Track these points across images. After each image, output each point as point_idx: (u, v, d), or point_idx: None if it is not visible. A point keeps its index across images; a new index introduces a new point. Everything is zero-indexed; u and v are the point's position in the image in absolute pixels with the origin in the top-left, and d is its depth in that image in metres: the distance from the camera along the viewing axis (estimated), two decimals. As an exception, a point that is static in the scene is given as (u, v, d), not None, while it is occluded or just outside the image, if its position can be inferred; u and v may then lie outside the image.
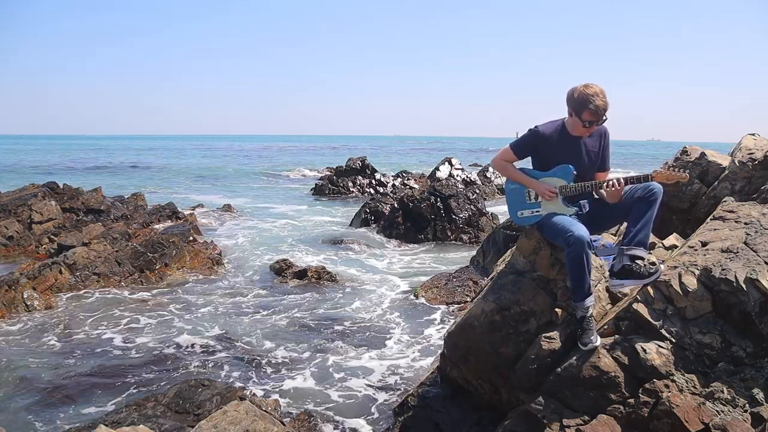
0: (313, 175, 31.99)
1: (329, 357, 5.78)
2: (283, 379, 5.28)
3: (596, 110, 3.11)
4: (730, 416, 2.56)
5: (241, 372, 5.44)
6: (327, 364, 5.62)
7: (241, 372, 5.44)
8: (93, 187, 14.94)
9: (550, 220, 3.23)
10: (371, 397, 4.88)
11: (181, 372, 5.43)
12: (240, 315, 7.22)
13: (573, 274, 3.07)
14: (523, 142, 3.37)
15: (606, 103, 3.12)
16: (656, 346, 2.81)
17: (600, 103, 3.09)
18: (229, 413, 3.42)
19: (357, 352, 5.93)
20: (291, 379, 5.26)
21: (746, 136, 5.69)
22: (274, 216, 16.41)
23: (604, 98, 3.12)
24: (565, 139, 3.29)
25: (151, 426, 3.79)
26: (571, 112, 3.22)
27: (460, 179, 20.24)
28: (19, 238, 11.10)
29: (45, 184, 14.20)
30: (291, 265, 9.23)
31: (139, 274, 8.71)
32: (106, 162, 44.87)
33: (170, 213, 13.49)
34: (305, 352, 5.92)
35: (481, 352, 3.39)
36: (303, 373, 5.39)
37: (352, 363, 5.63)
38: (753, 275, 2.74)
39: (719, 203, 3.72)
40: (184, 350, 5.99)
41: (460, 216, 12.15)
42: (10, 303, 7.05)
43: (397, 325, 6.77)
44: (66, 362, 5.66)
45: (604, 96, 3.12)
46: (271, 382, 5.22)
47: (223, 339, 6.33)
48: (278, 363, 5.64)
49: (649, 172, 3.09)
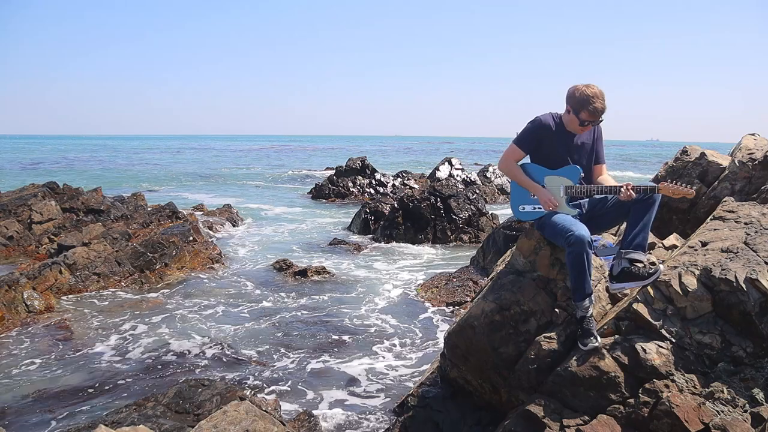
0: (313, 175, 32.00)
1: (329, 357, 5.79)
2: (283, 379, 5.28)
3: (594, 111, 3.19)
4: (730, 416, 2.56)
5: (241, 372, 5.44)
6: (327, 363, 5.62)
7: (241, 372, 5.44)
8: (93, 187, 14.94)
9: (551, 219, 3.24)
10: (371, 397, 4.88)
11: (181, 372, 5.43)
12: (240, 315, 7.22)
13: (573, 274, 3.07)
14: (527, 133, 3.40)
15: (604, 106, 3.20)
16: (656, 346, 2.81)
17: (599, 106, 3.17)
18: (229, 413, 3.42)
19: (357, 351, 5.93)
20: (291, 379, 5.26)
21: (746, 136, 5.69)
22: (274, 216, 16.42)
23: (603, 101, 3.19)
24: (562, 132, 3.36)
25: (151, 426, 3.78)
26: (569, 110, 3.27)
27: (460, 179, 20.25)
28: (19, 238, 11.11)
29: (45, 184, 14.20)
30: (291, 264, 9.23)
31: (139, 274, 8.71)
32: (106, 162, 44.87)
33: (170, 213, 13.49)
34: (305, 352, 5.92)
35: (481, 352, 3.39)
36: (303, 373, 5.39)
37: (352, 362, 5.63)
38: (753, 275, 2.74)
39: (719, 203, 3.72)
40: (184, 350, 5.99)
41: (460, 216, 12.15)
42: (10, 303, 7.05)
43: (397, 325, 6.77)
44: (66, 362, 5.65)
45: (603, 99, 3.19)
46: (271, 382, 5.22)
47: (224, 339, 6.32)
48: (278, 363, 5.63)
49: (656, 185, 3.07)
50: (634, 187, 3.12)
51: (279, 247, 11.81)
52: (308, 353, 5.89)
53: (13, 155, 54.37)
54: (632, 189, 3.11)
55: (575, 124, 3.28)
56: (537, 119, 3.37)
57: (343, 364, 5.59)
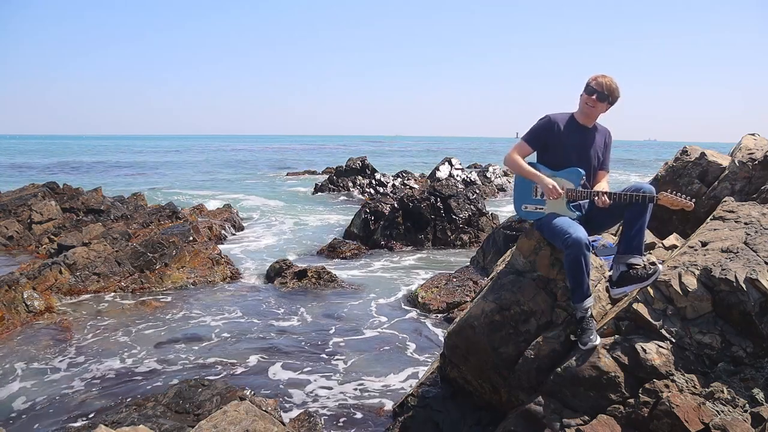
0: (314, 175, 32.00)
1: (329, 357, 5.78)
2: (283, 379, 5.28)
3: (597, 83, 3.30)
4: (730, 416, 2.56)
5: (241, 372, 5.44)
6: (327, 363, 5.62)
7: (241, 372, 5.44)
8: (93, 187, 14.94)
9: (551, 221, 3.25)
10: (371, 397, 4.88)
11: (181, 372, 5.43)
12: (240, 315, 7.22)
13: (571, 276, 3.08)
14: (537, 129, 3.44)
15: (610, 82, 3.29)
16: (656, 346, 2.81)
17: (602, 80, 3.29)
18: (229, 413, 3.42)
19: (356, 351, 5.93)
20: (291, 379, 5.26)
21: (746, 136, 5.69)
22: (274, 216, 16.42)
23: (611, 80, 3.30)
24: (574, 128, 3.40)
25: (151, 426, 3.78)
26: (582, 94, 3.37)
27: (460, 179, 20.25)
28: (19, 238, 11.11)
29: (45, 184, 14.21)
30: (291, 265, 9.22)
31: (139, 274, 8.70)
32: (106, 162, 44.86)
33: (170, 213, 13.49)
34: (305, 352, 5.92)
35: (481, 352, 3.39)
36: (303, 373, 5.39)
37: (352, 363, 5.63)
38: (753, 275, 2.74)
39: (719, 203, 3.72)
40: (184, 350, 5.99)
41: (460, 216, 12.15)
42: (10, 303, 7.05)
43: (396, 325, 6.77)
44: (65, 362, 5.65)
45: (611, 79, 3.31)
46: (270, 382, 5.22)
47: (223, 339, 6.32)
48: (278, 363, 5.63)
49: (656, 195, 3.06)
50: (633, 195, 3.09)
51: (279, 248, 11.81)
52: (308, 353, 5.89)
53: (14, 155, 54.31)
54: (632, 197, 3.09)
55: (583, 103, 3.35)
56: (547, 116, 3.43)
57: (343, 364, 5.59)
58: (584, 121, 3.40)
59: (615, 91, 3.31)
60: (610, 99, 3.32)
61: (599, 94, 3.29)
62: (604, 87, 3.28)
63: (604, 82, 3.28)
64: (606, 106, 3.36)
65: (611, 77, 3.31)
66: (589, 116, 3.38)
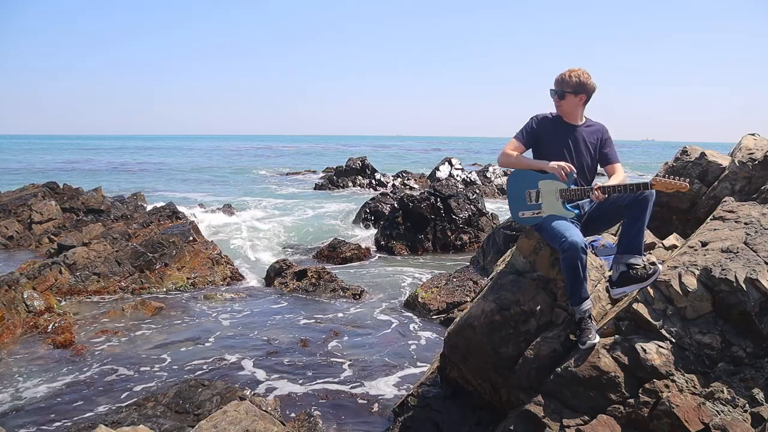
0: (313, 174, 32.00)
1: (329, 357, 5.78)
2: (283, 379, 5.27)
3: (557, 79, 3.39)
4: (730, 416, 2.57)
5: (241, 372, 5.44)
6: (327, 363, 5.62)
7: (241, 372, 5.44)
8: (93, 187, 14.94)
9: (549, 224, 3.24)
10: (371, 397, 4.88)
11: (181, 372, 5.43)
12: (239, 315, 7.22)
13: (569, 279, 3.09)
14: (528, 126, 3.48)
15: (560, 74, 3.38)
16: (656, 346, 2.81)
17: (559, 75, 3.38)
18: (229, 413, 3.42)
19: (356, 352, 5.93)
20: (291, 380, 5.25)
21: (746, 136, 5.69)
22: (274, 216, 16.41)
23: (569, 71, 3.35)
24: (560, 125, 3.45)
25: (151, 426, 3.78)
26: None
27: (460, 179, 20.24)
28: (19, 238, 11.11)
29: (45, 184, 14.21)
30: (290, 265, 9.22)
31: (139, 274, 8.70)
32: (106, 162, 44.87)
33: (170, 213, 13.49)
34: (305, 352, 5.91)
35: (481, 352, 3.39)
36: (303, 373, 5.38)
37: (352, 363, 5.62)
38: (753, 275, 2.74)
39: (719, 203, 3.72)
40: (184, 350, 5.99)
41: (460, 216, 12.15)
42: (10, 303, 7.04)
43: (396, 325, 6.77)
44: (65, 362, 5.65)
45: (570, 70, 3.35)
46: (270, 382, 5.22)
47: (223, 339, 6.32)
48: (278, 363, 5.63)
49: (648, 180, 3.06)
50: (627, 185, 3.10)
51: (279, 247, 11.81)
52: (307, 353, 5.89)
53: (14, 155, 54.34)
54: (624, 187, 3.10)
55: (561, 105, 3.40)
56: (535, 115, 3.50)
57: (343, 364, 5.59)
58: (568, 118, 3.45)
59: (563, 81, 3.35)
60: (558, 91, 3.37)
61: (551, 91, 3.40)
62: (555, 83, 3.38)
63: (555, 78, 3.38)
64: (572, 98, 3.36)
65: (568, 69, 3.36)
66: (566, 114, 3.43)
